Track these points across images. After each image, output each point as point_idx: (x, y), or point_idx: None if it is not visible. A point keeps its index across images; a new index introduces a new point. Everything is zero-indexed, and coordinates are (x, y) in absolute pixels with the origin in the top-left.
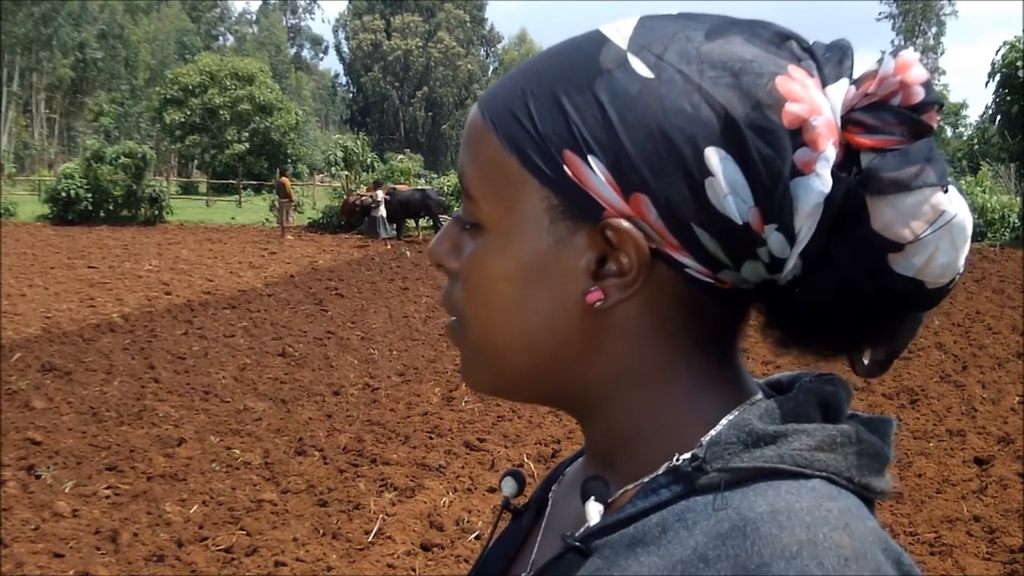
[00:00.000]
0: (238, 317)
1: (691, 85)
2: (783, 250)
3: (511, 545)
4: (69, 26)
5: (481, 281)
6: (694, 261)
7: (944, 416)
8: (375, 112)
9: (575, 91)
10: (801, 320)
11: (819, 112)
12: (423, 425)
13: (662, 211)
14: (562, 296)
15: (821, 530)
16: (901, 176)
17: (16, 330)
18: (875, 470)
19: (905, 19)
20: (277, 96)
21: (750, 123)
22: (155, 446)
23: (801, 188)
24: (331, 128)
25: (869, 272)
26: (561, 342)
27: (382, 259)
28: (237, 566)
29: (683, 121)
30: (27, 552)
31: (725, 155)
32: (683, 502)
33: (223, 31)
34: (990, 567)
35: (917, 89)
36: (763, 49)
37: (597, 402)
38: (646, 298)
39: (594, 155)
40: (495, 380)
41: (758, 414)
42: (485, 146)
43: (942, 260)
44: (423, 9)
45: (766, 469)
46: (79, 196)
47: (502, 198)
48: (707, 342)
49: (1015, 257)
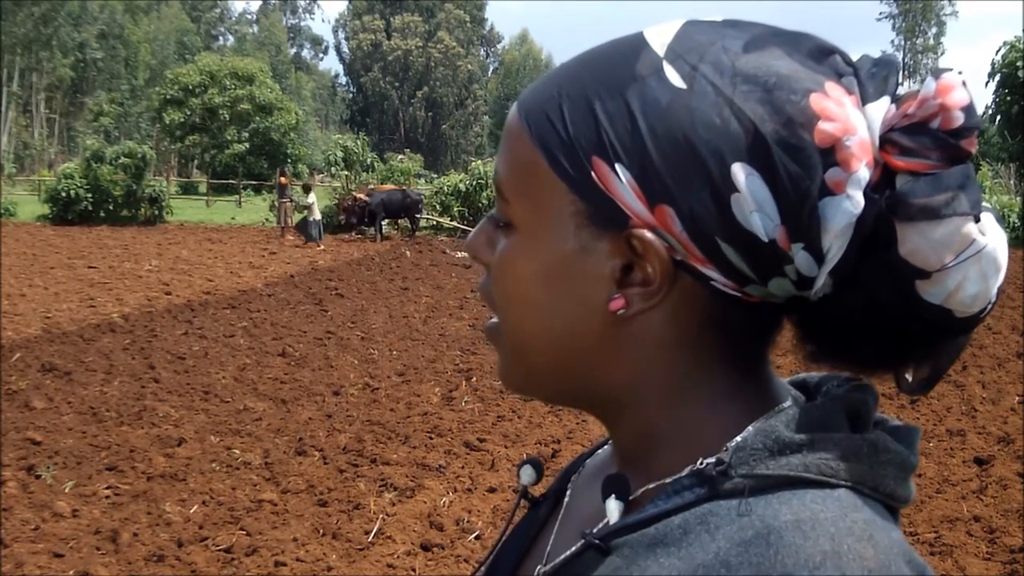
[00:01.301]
0: (238, 317)
1: (723, 98)
2: (811, 269)
3: (527, 535)
4: (69, 26)
5: (510, 279)
6: (720, 275)
7: (944, 416)
8: (375, 112)
9: (608, 97)
10: (832, 337)
11: (853, 132)
12: (423, 425)
13: (687, 224)
14: (586, 300)
15: (845, 541)
16: (931, 203)
17: (16, 330)
18: (900, 479)
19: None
20: (277, 96)
21: (779, 140)
22: (155, 446)
23: (830, 208)
24: (331, 128)
25: (897, 296)
26: (584, 345)
27: (382, 259)
28: (237, 566)
29: (711, 135)
30: (27, 552)
31: (752, 171)
32: (706, 505)
33: (223, 31)
34: (990, 567)
35: (957, 114)
36: (801, 64)
37: (621, 405)
38: (671, 308)
39: (622, 163)
40: (523, 378)
41: (785, 422)
42: (519, 146)
43: (971, 290)
44: (423, 9)
45: (792, 477)
46: (79, 196)
47: (532, 199)
48: (734, 353)
49: (1015, 257)
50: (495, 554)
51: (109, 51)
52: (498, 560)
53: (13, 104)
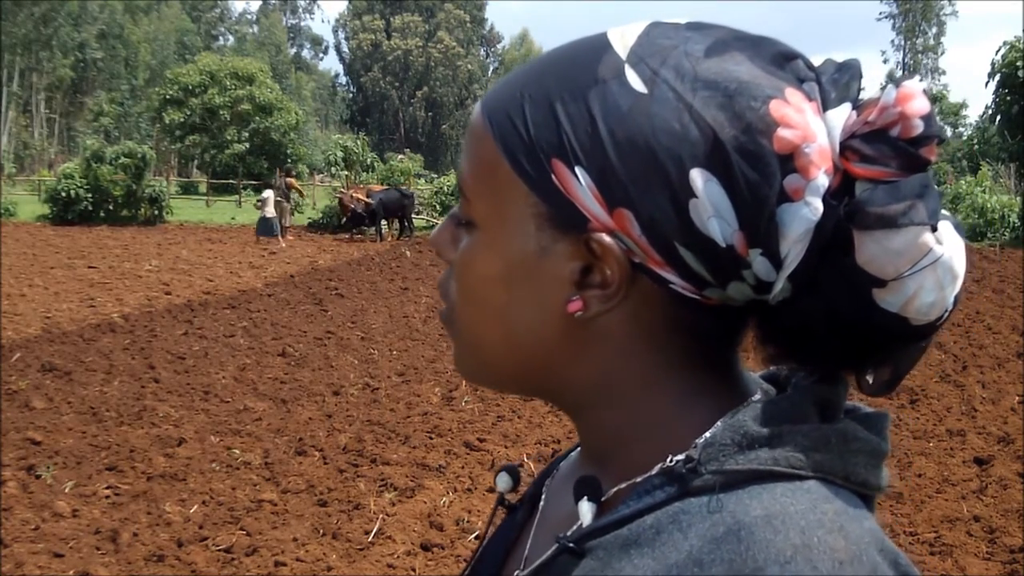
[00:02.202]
0: (238, 317)
1: (683, 104)
2: (769, 274)
3: (506, 541)
4: (69, 26)
5: (469, 278)
6: (678, 278)
7: (944, 416)
8: (375, 112)
9: (570, 99)
10: (791, 341)
11: (812, 139)
12: (423, 425)
13: (645, 228)
14: (544, 302)
15: (816, 533)
16: (888, 212)
17: (16, 330)
18: (872, 466)
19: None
20: (277, 96)
21: (738, 147)
22: (155, 446)
23: (789, 215)
24: (331, 128)
25: (855, 303)
26: (544, 346)
27: (382, 259)
28: (237, 566)
29: (671, 140)
30: (27, 552)
31: (710, 177)
32: (677, 504)
33: (223, 31)
34: (990, 567)
35: (916, 122)
36: (763, 69)
37: (585, 403)
38: (631, 310)
39: (581, 166)
40: (481, 372)
41: (753, 415)
42: (482, 146)
43: (927, 299)
44: (423, 9)
45: (761, 471)
46: (79, 196)
47: (493, 200)
48: (699, 354)
49: (1015, 257)
50: (475, 561)
51: (109, 51)
52: (478, 567)
53: (13, 104)
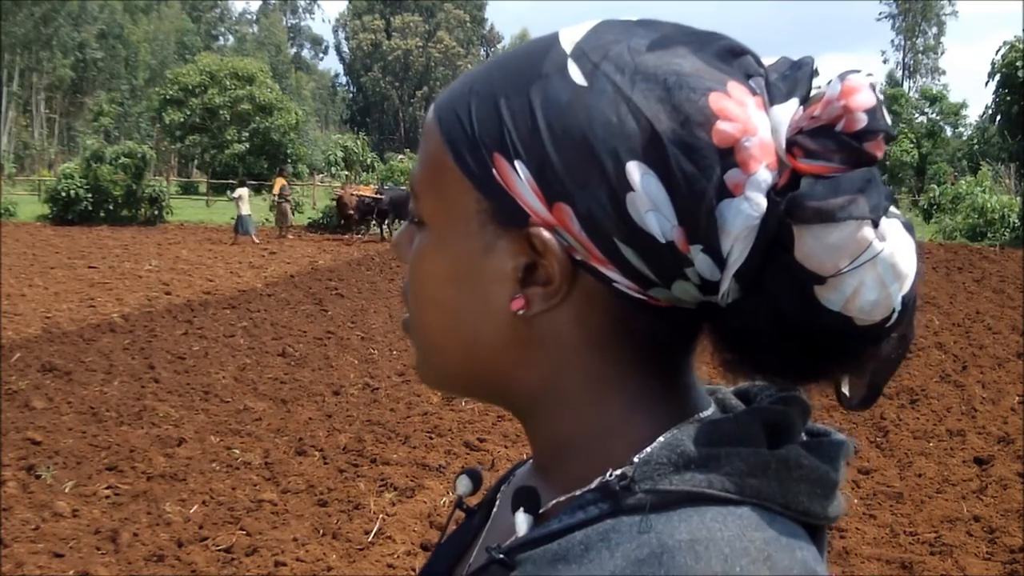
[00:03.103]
0: (238, 317)
1: (621, 96)
2: (713, 272)
3: (460, 544)
4: (69, 26)
5: (419, 277)
6: (622, 276)
7: (944, 416)
8: (375, 112)
9: (513, 94)
10: (743, 345)
11: (753, 133)
12: (423, 425)
13: (584, 223)
14: (490, 300)
15: (739, 563)
16: (826, 206)
17: (16, 330)
18: (817, 495)
19: (905, 19)
20: (277, 96)
21: (675, 139)
22: (155, 446)
23: (729, 210)
24: (331, 128)
25: (798, 303)
26: (491, 346)
27: (382, 259)
28: (237, 566)
29: (607, 133)
30: (27, 552)
31: (647, 170)
32: (609, 521)
33: (223, 31)
34: (990, 567)
35: (860, 116)
36: (706, 63)
37: (534, 408)
38: (576, 310)
39: (521, 160)
40: (437, 376)
41: (692, 435)
42: (430, 143)
43: (868, 297)
44: (423, 9)
45: (694, 493)
46: (79, 196)
47: (440, 197)
48: (645, 357)
49: (1015, 257)
50: (428, 564)
51: (109, 51)
52: (430, 569)
53: (13, 104)
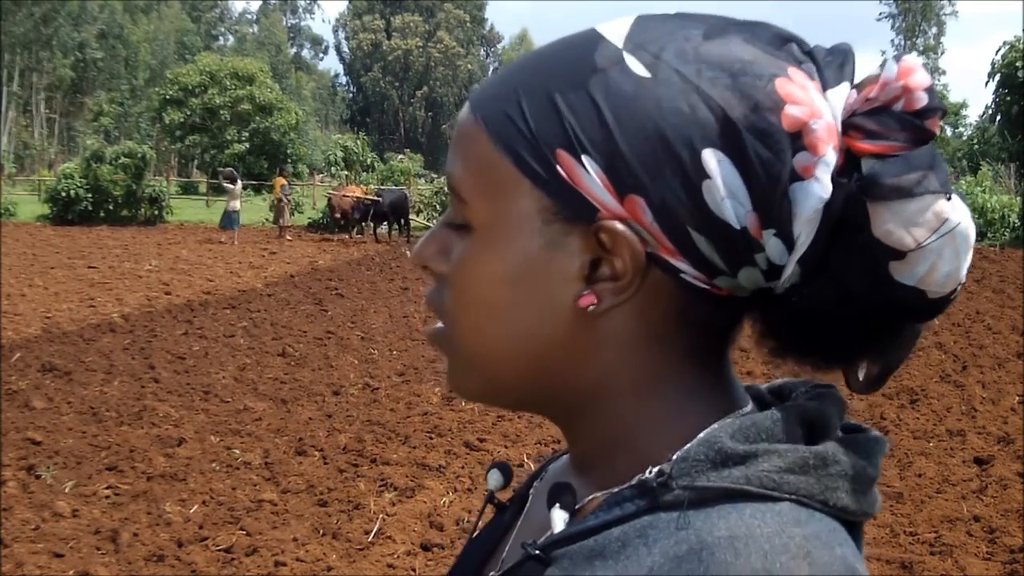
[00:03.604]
0: (238, 317)
1: (689, 85)
2: (781, 257)
3: (491, 540)
4: (69, 26)
5: (470, 283)
6: (690, 266)
7: (944, 416)
8: (375, 112)
9: (569, 90)
10: (797, 329)
11: (819, 115)
12: (423, 425)
13: (657, 214)
14: (552, 300)
15: (779, 559)
16: (903, 182)
17: (16, 330)
18: (855, 491)
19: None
20: (277, 96)
21: (749, 125)
22: (155, 446)
23: (800, 193)
24: (331, 128)
25: (870, 280)
26: (549, 347)
27: (382, 259)
28: (237, 566)
29: (680, 121)
30: (27, 552)
31: (723, 157)
32: (647, 517)
33: (223, 31)
34: (990, 567)
35: (920, 95)
36: (762, 51)
37: (582, 409)
38: (639, 304)
39: (588, 155)
40: (482, 386)
41: (731, 431)
42: (476, 146)
43: (945, 269)
44: (423, 9)
45: (732, 490)
46: (79, 196)
47: (493, 199)
48: (698, 350)
49: (1015, 257)
50: (459, 559)
51: (109, 51)
52: (461, 565)
53: (13, 104)
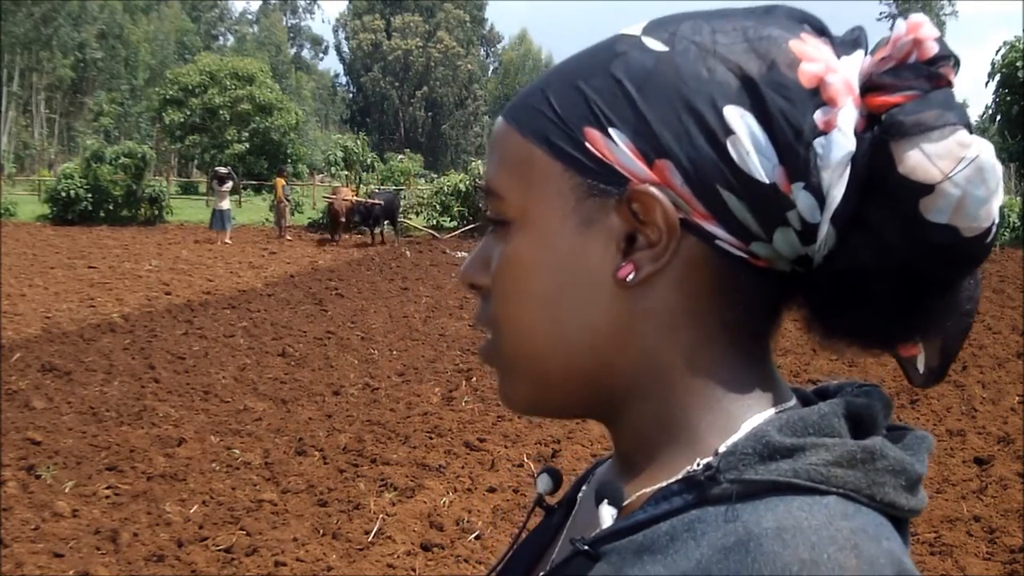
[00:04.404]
0: (238, 317)
1: (706, 51)
2: (813, 214)
3: (540, 543)
4: (69, 26)
5: (511, 278)
6: (724, 231)
7: (944, 416)
8: (375, 112)
9: (592, 76)
10: (841, 303)
11: (835, 70)
12: (423, 425)
13: (687, 176)
14: (592, 280)
15: (826, 550)
16: (923, 118)
17: (16, 330)
18: (902, 487)
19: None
20: (277, 96)
21: (767, 80)
22: (155, 446)
23: (824, 146)
24: (331, 128)
25: (903, 225)
26: (593, 331)
27: (382, 259)
28: (237, 566)
29: (700, 84)
30: (27, 552)
31: (745, 112)
32: (695, 511)
33: (223, 31)
34: (990, 567)
35: (931, 44)
36: (775, 23)
37: (627, 398)
38: (677, 276)
39: (615, 127)
40: (530, 391)
41: (778, 425)
42: (508, 144)
43: (975, 201)
44: (423, 9)
45: (780, 483)
46: (79, 196)
47: (527, 188)
48: (740, 331)
49: (1015, 257)
50: (505, 560)
51: (109, 51)
52: (509, 567)
53: (13, 104)
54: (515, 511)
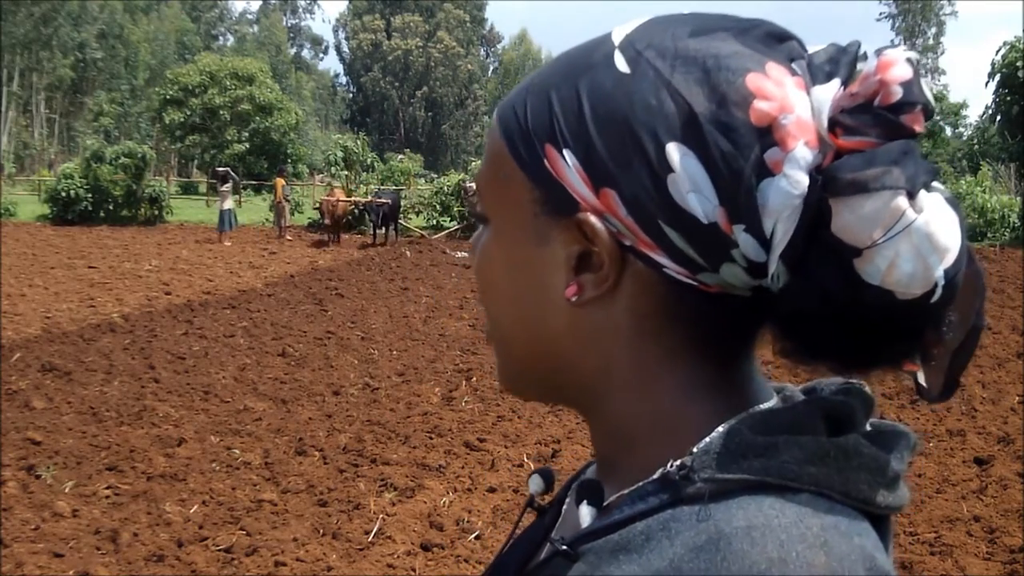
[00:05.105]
0: (238, 317)
1: (661, 80)
2: (758, 254)
3: (532, 543)
4: (69, 26)
5: (484, 269)
6: (670, 261)
7: (944, 416)
8: (375, 112)
9: (563, 86)
10: (801, 331)
11: (790, 111)
12: (423, 425)
13: (630, 207)
14: (548, 288)
15: (795, 548)
16: (860, 177)
17: (16, 330)
18: (878, 484)
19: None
20: (277, 96)
21: (712, 119)
22: (155, 446)
23: (770, 188)
24: (331, 128)
25: (841, 279)
26: (553, 335)
27: (382, 259)
28: (237, 566)
29: (648, 115)
30: (27, 552)
31: (686, 151)
32: (669, 511)
33: (223, 31)
34: (990, 567)
35: (895, 89)
36: (746, 46)
37: (596, 400)
38: (629, 297)
39: (568, 148)
40: (508, 373)
41: (751, 424)
42: (492, 142)
43: (905, 269)
44: (423, 9)
45: (752, 481)
46: (79, 196)
47: (499, 191)
48: (698, 345)
49: (1015, 257)
50: (496, 560)
51: (109, 51)
52: (499, 567)
53: (13, 104)
54: (515, 511)
